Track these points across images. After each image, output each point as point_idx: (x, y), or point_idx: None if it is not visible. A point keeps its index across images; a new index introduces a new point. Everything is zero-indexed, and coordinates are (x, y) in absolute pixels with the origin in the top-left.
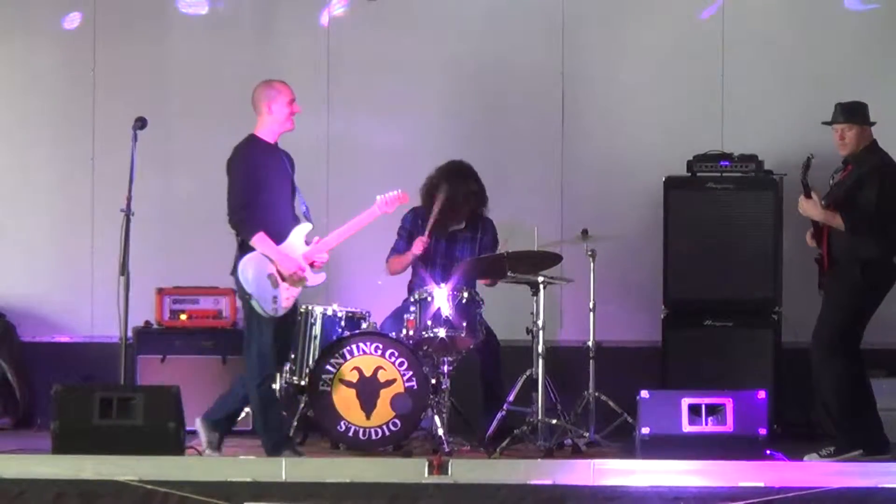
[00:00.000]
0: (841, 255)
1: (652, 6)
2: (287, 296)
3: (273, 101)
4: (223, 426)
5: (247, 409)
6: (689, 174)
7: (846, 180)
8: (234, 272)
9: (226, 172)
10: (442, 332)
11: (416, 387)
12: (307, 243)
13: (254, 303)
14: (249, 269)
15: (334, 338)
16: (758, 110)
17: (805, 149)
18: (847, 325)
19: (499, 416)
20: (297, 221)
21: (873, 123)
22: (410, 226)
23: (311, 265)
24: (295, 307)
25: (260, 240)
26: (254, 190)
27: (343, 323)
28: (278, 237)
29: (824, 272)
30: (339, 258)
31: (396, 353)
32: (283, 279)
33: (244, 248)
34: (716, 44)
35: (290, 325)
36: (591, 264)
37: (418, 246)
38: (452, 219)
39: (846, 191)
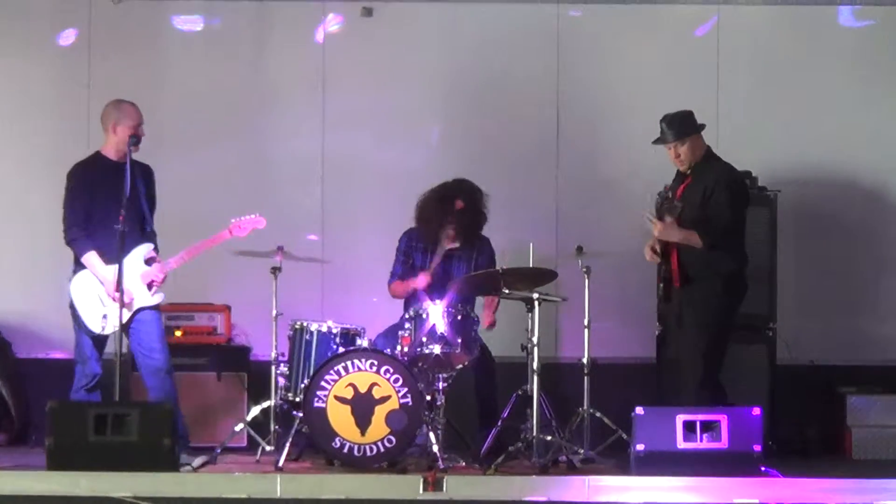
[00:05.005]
0: (697, 271)
1: (647, 24)
2: (117, 313)
3: (119, 123)
4: None
5: (240, 426)
6: None
7: (693, 194)
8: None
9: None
10: (437, 349)
11: (410, 403)
12: (147, 263)
13: (79, 316)
14: (80, 285)
15: (329, 354)
16: (752, 127)
17: (799, 165)
18: (720, 342)
19: (493, 432)
20: (141, 240)
21: (703, 126)
22: (406, 248)
23: (150, 285)
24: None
25: (88, 259)
26: (86, 208)
27: (338, 339)
28: (111, 258)
29: (675, 287)
30: (335, 274)
31: (391, 370)
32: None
33: (79, 263)
34: (711, 61)
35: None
36: (586, 281)
37: (422, 280)
38: (463, 234)
39: (699, 207)
